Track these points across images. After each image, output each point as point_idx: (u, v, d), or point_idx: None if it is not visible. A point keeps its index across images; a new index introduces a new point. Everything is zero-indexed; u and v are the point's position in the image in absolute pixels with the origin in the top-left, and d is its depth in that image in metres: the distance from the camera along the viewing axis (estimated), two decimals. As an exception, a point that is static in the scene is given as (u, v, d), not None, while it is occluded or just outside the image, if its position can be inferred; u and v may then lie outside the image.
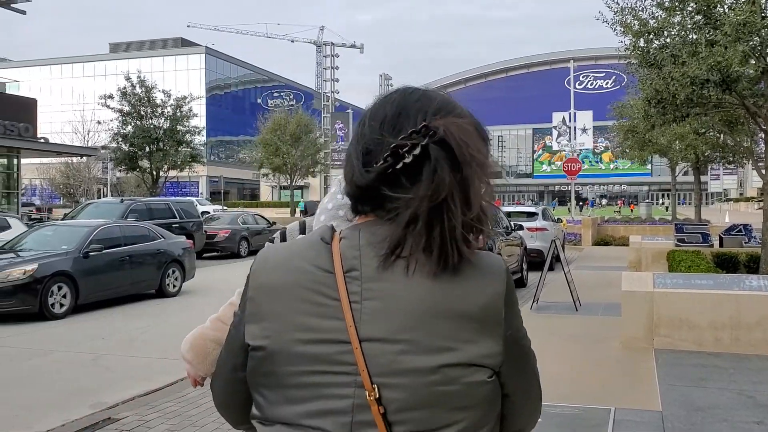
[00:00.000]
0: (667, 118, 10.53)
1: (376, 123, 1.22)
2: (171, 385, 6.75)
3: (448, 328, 1.12)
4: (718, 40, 9.00)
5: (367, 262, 1.16)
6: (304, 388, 1.14)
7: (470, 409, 1.14)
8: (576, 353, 7.57)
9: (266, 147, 43.63)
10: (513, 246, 13.78)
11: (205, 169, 56.59)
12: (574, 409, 5.43)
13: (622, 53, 11.05)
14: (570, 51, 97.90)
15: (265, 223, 25.32)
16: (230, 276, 17.13)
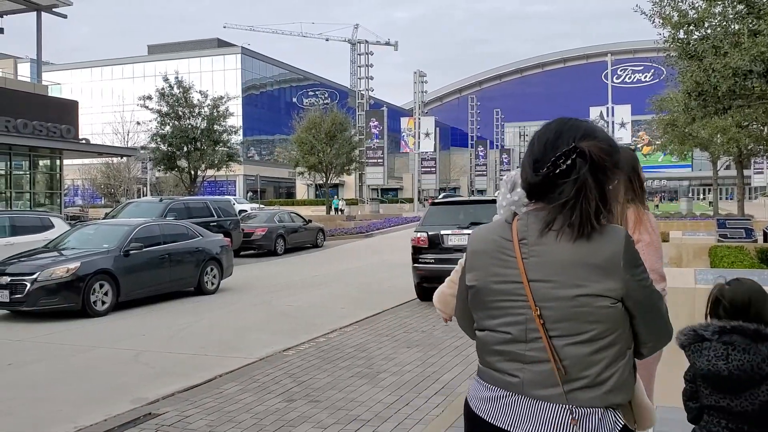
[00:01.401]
0: (709, 110, 10.29)
1: (541, 143, 1.89)
2: (209, 382, 6.84)
3: (581, 273, 1.80)
4: (762, 30, 8.78)
5: (531, 233, 1.86)
6: (497, 310, 1.90)
7: (597, 323, 1.80)
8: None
9: (301, 146, 43.85)
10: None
11: (241, 168, 57.23)
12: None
13: (661, 46, 10.85)
14: (607, 45, 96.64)
15: (301, 221, 25.47)
16: (267, 273, 17.29)
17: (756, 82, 9.19)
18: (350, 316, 10.51)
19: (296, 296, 13.04)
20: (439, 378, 6.78)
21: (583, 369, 1.79)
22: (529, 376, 1.83)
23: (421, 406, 5.83)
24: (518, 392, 1.84)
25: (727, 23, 9.62)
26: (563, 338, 1.80)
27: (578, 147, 1.80)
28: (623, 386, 1.83)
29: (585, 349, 1.79)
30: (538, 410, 1.81)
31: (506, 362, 1.87)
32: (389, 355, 7.85)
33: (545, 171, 1.82)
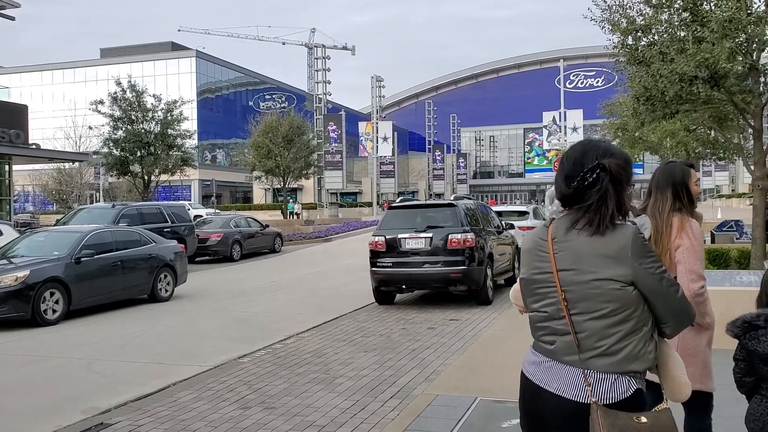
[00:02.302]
0: (657, 115, 10.56)
1: (570, 161, 2.34)
2: (163, 390, 6.74)
3: (595, 261, 2.25)
4: (706, 37, 9.04)
5: (560, 232, 2.34)
6: (539, 295, 2.40)
7: (609, 302, 2.23)
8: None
9: (258, 149, 43.50)
10: (504, 245, 13.79)
11: (196, 173, 56.48)
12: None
13: (611, 51, 11.09)
14: (560, 50, 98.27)
15: (258, 226, 25.28)
16: (223, 280, 17.11)
17: (701, 88, 9.45)
18: (307, 321, 10.47)
19: (253, 302, 12.94)
20: (395, 381, 6.80)
21: (599, 340, 2.24)
22: (560, 345, 2.32)
23: (377, 410, 5.85)
24: (553, 358, 2.33)
25: (674, 30, 9.89)
26: (583, 315, 2.26)
27: (601, 163, 2.27)
28: (637, 357, 2.24)
29: (600, 323, 2.24)
30: (563, 372, 2.28)
31: (547, 335, 2.38)
32: (346, 359, 7.84)
33: (575, 184, 2.29)
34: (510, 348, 7.82)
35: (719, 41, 8.83)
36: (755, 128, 10.26)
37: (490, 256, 12.26)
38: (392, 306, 12.03)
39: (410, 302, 12.49)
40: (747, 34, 9.29)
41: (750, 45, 9.48)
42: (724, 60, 8.77)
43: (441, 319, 10.44)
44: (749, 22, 9.09)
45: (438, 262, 11.49)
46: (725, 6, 9.12)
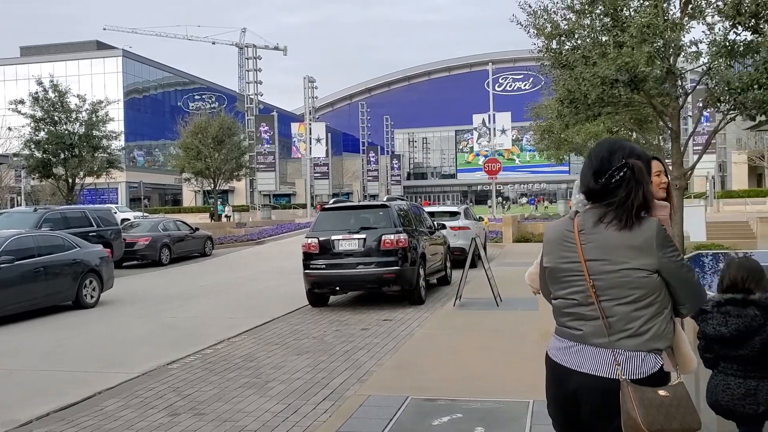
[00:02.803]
0: (580, 117, 10.88)
1: (597, 159, 2.53)
2: (88, 399, 6.54)
3: (624, 252, 2.44)
4: (626, 42, 9.38)
5: (587, 225, 2.52)
6: (565, 283, 2.58)
7: (637, 288, 2.44)
8: (497, 348, 7.74)
9: (187, 151, 42.62)
10: (437, 245, 13.96)
11: (123, 175, 54.96)
12: (494, 403, 5.55)
13: (537, 55, 11.36)
14: (489, 54, 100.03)
15: (187, 229, 24.77)
16: (151, 285, 16.69)
17: (622, 91, 9.79)
18: (239, 325, 10.33)
19: (182, 307, 12.68)
20: (328, 384, 6.80)
21: (627, 323, 2.45)
22: (589, 330, 2.51)
23: (309, 413, 5.83)
24: (581, 342, 2.52)
25: (596, 35, 10.22)
26: (612, 301, 2.47)
27: (628, 162, 2.47)
28: (661, 336, 2.48)
29: (628, 308, 2.45)
30: (593, 354, 2.49)
31: (574, 321, 2.56)
32: (279, 363, 7.79)
33: (603, 181, 2.49)
34: (442, 347, 7.93)
35: (638, 46, 9.17)
36: (673, 130, 10.70)
37: (423, 256, 12.40)
38: (326, 308, 12.01)
39: (344, 304, 12.49)
40: (664, 40, 9.68)
41: (667, 50, 9.88)
42: (643, 64, 9.11)
43: (374, 320, 10.48)
44: (666, 27, 9.48)
45: (371, 263, 11.53)
46: (644, 12, 9.48)
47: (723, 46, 9.62)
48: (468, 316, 9.93)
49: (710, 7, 10.01)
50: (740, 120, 11.92)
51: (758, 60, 9.52)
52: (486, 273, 11.33)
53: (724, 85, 9.62)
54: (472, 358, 7.31)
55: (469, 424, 5.05)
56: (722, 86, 9.65)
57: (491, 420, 5.12)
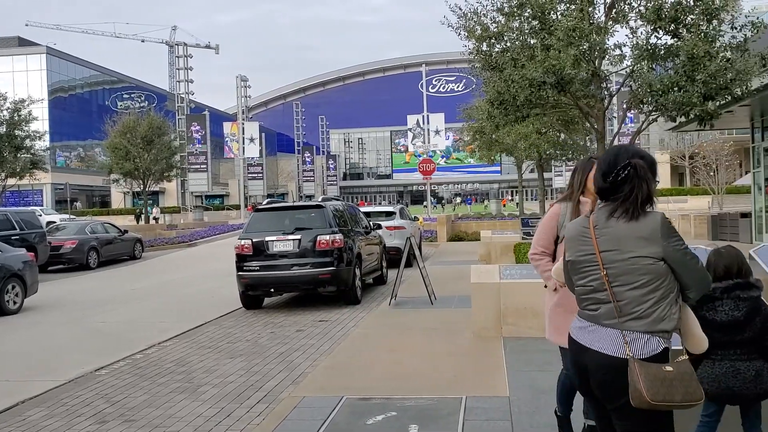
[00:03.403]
0: (510, 118, 11.10)
1: (605, 162, 2.87)
2: (10, 409, 6.28)
3: (632, 242, 2.75)
4: (553, 45, 9.63)
5: (600, 220, 2.86)
6: (584, 272, 2.91)
7: (645, 274, 2.74)
8: (431, 346, 7.82)
9: (116, 151, 41.42)
10: (373, 245, 14.01)
11: (49, 176, 52.89)
12: (428, 400, 5.61)
13: (468, 57, 11.54)
14: (423, 55, 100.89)
15: (116, 231, 24.08)
16: (78, 289, 16.15)
17: (550, 92, 10.05)
18: (171, 329, 10.12)
19: (111, 312, 12.32)
20: (262, 386, 6.73)
21: (636, 306, 2.75)
22: (603, 311, 2.83)
23: (242, 416, 5.76)
24: (596, 322, 2.85)
25: (524, 37, 10.46)
26: (623, 286, 2.77)
27: (630, 162, 2.80)
28: (665, 318, 2.75)
29: (637, 292, 2.75)
30: (605, 334, 2.80)
31: (592, 304, 2.89)
32: (211, 367, 7.66)
33: (611, 179, 2.82)
34: (377, 346, 7.96)
35: (565, 49, 9.43)
36: (598, 130, 11.04)
37: (359, 256, 12.41)
38: (260, 310, 11.88)
39: (279, 305, 12.39)
40: (590, 43, 9.98)
41: (592, 53, 10.19)
42: (569, 66, 9.37)
43: (310, 321, 10.44)
44: (591, 31, 9.78)
45: (307, 264, 11.47)
46: (570, 16, 9.75)
47: (645, 50, 9.99)
48: (403, 315, 10.00)
49: (633, 12, 10.38)
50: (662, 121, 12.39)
51: (678, 63, 9.92)
52: (421, 272, 11.44)
53: (646, 88, 9.98)
54: (407, 356, 7.37)
55: (403, 421, 5.10)
56: (645, 88, 10.01)
57: (425, 417, 5.17)
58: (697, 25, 9.79)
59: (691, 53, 9.36)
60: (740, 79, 9.75)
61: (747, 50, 9.92)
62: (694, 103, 9.59)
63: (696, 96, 9.41)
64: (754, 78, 10.15)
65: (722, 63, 9.63)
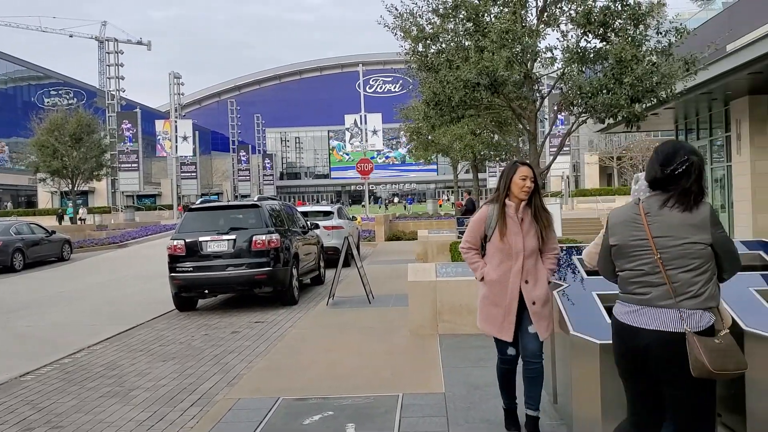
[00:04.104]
0: (445, 119, 11.22)
1: (663, 154, 3.13)
2: (-73, 419, 5.98)
3: (685, 230, 3.02)
4: (487, 47, 9.78)
5: (653, 209, 3.10)
6: (634, 256, 3.13)
7: (696, 258, 3.02)
8: (369, 345, 7.85)
9: (42, 149, 39.97)
10: (310, 245, 13.93)
11: (-31, 176, 50.64)
12: (365, 399, 5.62)
13: (404, 58, 11.61)
14: (360, 55, 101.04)
15: (43, 232, 23.24)
16: (4, 291, 15.50)
17: (483, 94, 10.20)
18: (100, 332, 9.83)
19: (38, 315, 11.88)
20: (196, 389, 6.62)
21: (689, 287, 3.03)
22: (656, 294, 3.06)
23: (176, 419, 5.65)
24: (648, 305, 3.08)
25: (459, 39, 10.59)
26: (676, 269, 3.03)
27: (689, 158, 3.07)
28: (713, 297, 3.07)
29: (689, 275, 3.03)
30: (661, 313, 3.05)
31: (641, 287, 3.11)
32: (143, 370, 7.48)
33: (669, 171, 3.07)
34: (314, 346, 7.93)
35: (498, 51, 9.59)
36: (530, 132, 11.27)
37: (296, 256, 12.33)
38: (194, 312, 11.67)
39: (213, 307, 12.19)
40: (522, 45, 10.17)
41: (525, 55, 10.38)
42: (502, 68, 9.54)
43: (245, 323, 10.31)
44: (523, 33, 9.97)
45: (242, 265, 11.32)
46: (503, 18, 9.93)
47: (575, 53, 10.25)
48: (341, 315, 9.99)
49: (564, 16, 10.63)
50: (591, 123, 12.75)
51: (607, 66, 10.22)
52: (359, 271, 11.45)
53: (576, 90, 10.25)
54: (344, 355, 7.36)
55: (340, 421, 5.09)
56: (575, 90, 10.27)
57: (362, 415, 5.18)
58: (624, 30, 10.11)
59: (619, 57, 9.65)
60: (665, 82, 10.11)
61: (671, 55, 10.30)
62: (621, 105, 9.90)
63: (623, 98, 9.71)
64: (678, 82, 10.55)
65: (648, 67, 9.97)
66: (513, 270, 4.44)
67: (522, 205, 4.47)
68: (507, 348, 4.55)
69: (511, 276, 4.44)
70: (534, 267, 4.47)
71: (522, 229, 4.45)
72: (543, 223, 4.51)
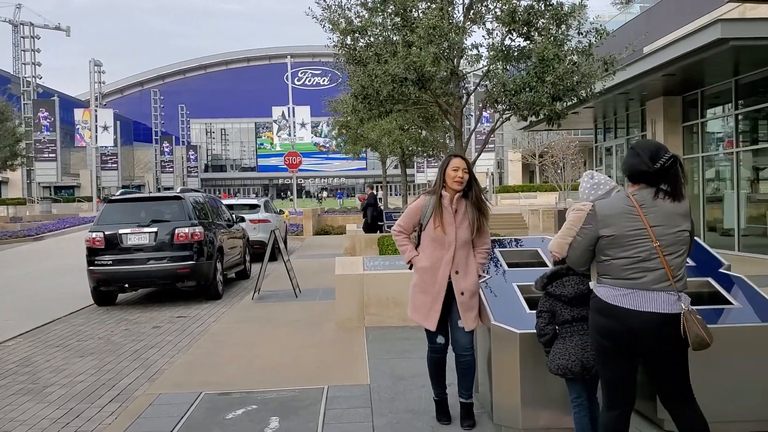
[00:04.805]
0: (373, 113, 11.20)
1: (647, 150, 3.39)
2: None
3: (677, 218, 3.36)
4: (414, 42, 9.82)
5: (648, 200, 3.36)
6: (630, 245, 3.33)
7: (684, 245, 3.38)
8: (295, 338, 7.81)
9: (-50, 138, 37.87)
10: (235, 238, 13.74)
11: None
12: (290, 392, 5.60)
13: (333, 50, 11.54)
14: (288, 47, 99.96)
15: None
16: None
17: (411, 89, 10.24)
18: (14, 328, 9.43)
19: (-56, 311, 11.28)
20: (115, 385, 6.44)
21: (678, 270, 3.34)
22: (651, 277, 3.30)
23: (93, 416, 5.49)
24: (642, 288, 3.30)
25: (387, 33, 10.60)
26: (672, 255, 3.33)
27: (675, 155, 3.37)
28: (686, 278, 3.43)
29: (680, 259, 3.36)
30: (656, 296, 3.30)
31: (636, 272, 3.32)
32: (59, 366, 7.23)
33: (658, 166, 3.33)
34: (238, 340, 7.83)
35: (425, 47, 9.65)
36: (456, 128, 11.40)
37: (221, 249, 12.14)
38: (114, 307, 11.35)
39: (134, 301, 11.88)
40: (449, 42, 10.26)
41: (452, 51, 10.48)
42: (429, 64, 9.59)
43: (167, 317, 10.10)
44: (450, 30, 10.07)
45: (164, 258, 11.07)
46: (431, 14, 9.98)
47: (500, 51, 10.42)
48: (266, 309, 9.90)
49: (489, 14, 10.79)
50: (515, 120, 13.02)
51: (530, 65, 10.43)
52: (285, 265, 11.36)
53: (500, 87, 10.43)
54: (269, 349, 7.30)
55: (263, 414, 5.06)
56: (499, 88, 10.45)
57: (286, 409, 5.16)
58: (547, 29, 10.34)
59: (542, 56, 9.87)
60: (585, 82, 10.40)
61: (591, 55, 10.61)
62: (543, 104, 10.13)
63: (545, 96, 9.94)
64: (598, 81, 10.89)
65: (569, 66, 10.24)
66: (444, 259, 4.52)
67: (457, 196, 4.56)
68: (436, 337, 4.62)
69: (441, 265, 4.52)
70: (465, 258, 4.56)
71: (455, 220, 4.54)
72: (479, 213, 4.60)
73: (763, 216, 14.36)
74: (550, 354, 3.91)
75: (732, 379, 4.22)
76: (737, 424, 4.25)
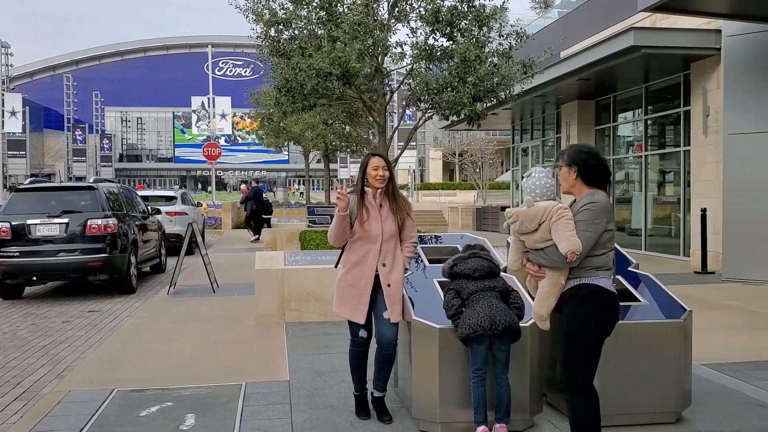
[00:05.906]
0: (297, 106, 11.16)
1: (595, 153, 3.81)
2: None
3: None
4: (339, 37, 9.83)
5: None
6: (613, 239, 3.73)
7: None
8: (212, 334, 7.67)
9: None
10: (150, 231, 13.37)
11: None
12: (206, 389, 5.50)
13: (256, 41, 11.40)
14: (209, 36, 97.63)
15: None
16: None
17: (335, 84, 10.24)
18: None
19: None
20: (20, 382, 6.16)
21: None
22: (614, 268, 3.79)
23: (-4, 415, 5.23)
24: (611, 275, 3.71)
25: (312, 27, 10.56)
26: None
27: None
28: None
29: None
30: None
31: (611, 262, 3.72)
32: (-42, 363, 6.85)
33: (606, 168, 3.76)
34: (153, 336, 7.63)
35: (350, 42, 9.67)
36: (380, 125, 11.48)
37: (135, 242, 11.80)
38: (20, 300, 10.86)
39: (42, 295, 11.39)
40: (374, 39, 10.32)
41: (376, 48, 10.55)
42: (354, 60, 9.62)
43: (78, 312, 9.74)
44: (375, 27, 10.12)
45: (75, 250, 10.67)
46: (356, 10, 10.01)
47: (423, 50, 10.56)
48: (183, 304, 9.68)
49: (414, 13, 10.91)
50: (437, 119, 13.21)
51: (452, 65, 10.62)
52: (203, 259, 11.14)
53: (423, 86, 10.57)
54: (185, 345, 7.15)
55: (179, 411, 4.95)
56: (422, 87, 10.59)
57: (203, 405, 5.07)
58: (470, 31, 10.55)
59: (464, 56, 10.06)
60: (505, 83, 10.67)
61: (511, 57, 10.89)
62: (464, 104, 10.34)
63: (466, 97, 10.14)
64: (516, 84, 11.18)
65: (490, 68, 10.48)
66: (371, 252, 4.58)
67: (379, 192, 4.66)
68: (359, 330, 4.65)
69: (369, 258, 4.58)
70: (392, 251, 4.62)
71: (381, 215, 4.62)
72: (401, 208, 4.70)
73: (668, 217, 15.11)
74: (459, 322, 4.17)
75: (638, 372, 4.43)
76: (643, 416, 4.46)
